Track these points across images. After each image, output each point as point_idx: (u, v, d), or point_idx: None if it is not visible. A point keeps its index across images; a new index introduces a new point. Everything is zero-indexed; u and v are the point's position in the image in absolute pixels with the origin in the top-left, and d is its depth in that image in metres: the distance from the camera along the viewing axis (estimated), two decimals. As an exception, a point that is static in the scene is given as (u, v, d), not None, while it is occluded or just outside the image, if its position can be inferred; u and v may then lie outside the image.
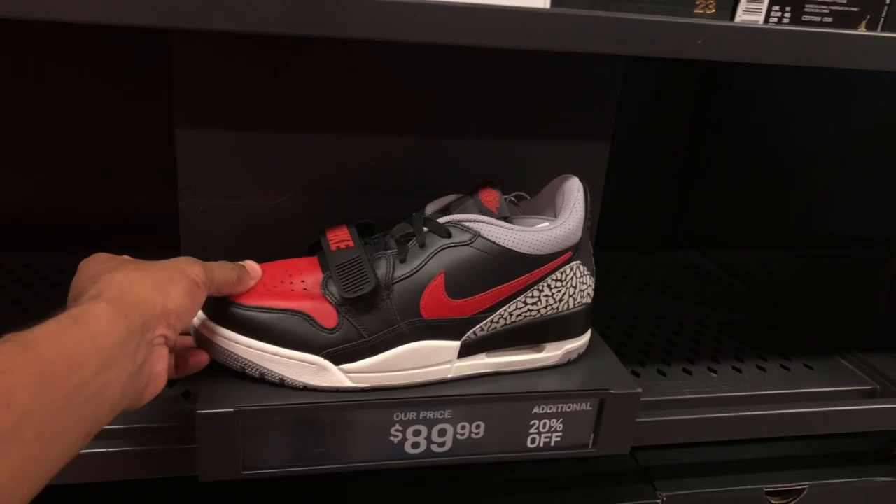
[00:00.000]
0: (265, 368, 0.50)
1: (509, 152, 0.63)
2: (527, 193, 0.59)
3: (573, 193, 0.54)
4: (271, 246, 0.57)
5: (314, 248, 0.55)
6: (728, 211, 0.97)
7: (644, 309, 0.78)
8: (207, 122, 0.56)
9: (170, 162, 0.58)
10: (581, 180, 0.55)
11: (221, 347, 0.50)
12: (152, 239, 0.66)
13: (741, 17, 0.50)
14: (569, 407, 0.54)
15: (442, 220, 0.53)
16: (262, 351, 0.50)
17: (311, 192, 0.60)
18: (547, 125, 0.63)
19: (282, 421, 0.50)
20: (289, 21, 0.43)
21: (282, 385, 0.51)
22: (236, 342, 0.50)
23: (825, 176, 0.82)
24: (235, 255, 0.53)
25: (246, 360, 0.50)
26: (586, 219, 0.54)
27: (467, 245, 0.51)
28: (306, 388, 0.51)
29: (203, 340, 0.51)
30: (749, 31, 0.50)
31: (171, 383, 0.59)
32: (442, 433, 0.53)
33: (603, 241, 0.67)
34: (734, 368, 0.68)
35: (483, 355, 0.54)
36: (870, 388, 0.68)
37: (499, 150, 0.63)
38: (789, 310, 0.81)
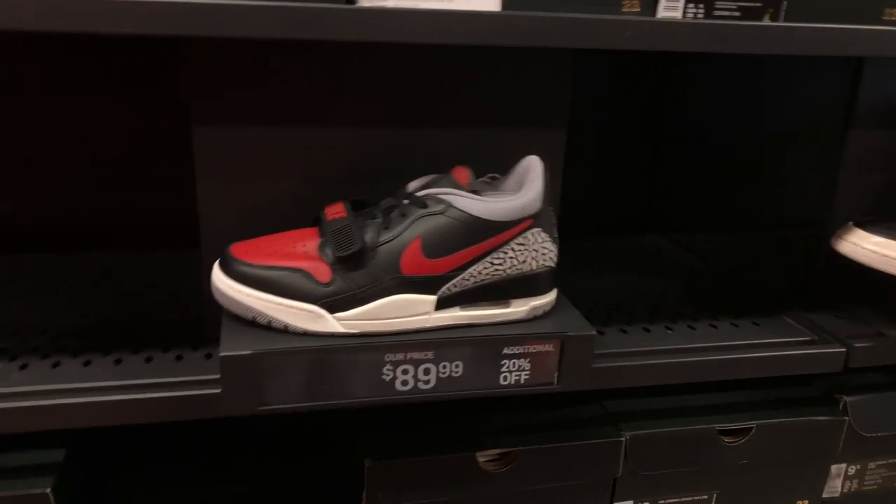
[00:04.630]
0: (272, 317, 0.60)
1: (478, 140, 0.73)
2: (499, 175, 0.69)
3: (532, 169, 0.64)
4: (278, 226, 0.67)
5: (315, 220, 0.65)
6: (690, 198, 1.06)
7: (610, 284, 0.87)
8: (221, 120, 0.67)
9: (182, 164, 0.68)
10: (538, 160, 0.65)
11: (236, 299, 0.60)
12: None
13: (661, 13, 0.61)
14: (534, 348, 0.63)
15: (419, 193, 0.63)
16: (270, 302, 0.60)
17: (311, 179, 0.70)
18: (510, 114, 0.73)
19: (292, 361, 0.59)
20: (287, 27, 0.54)
21: (286, 331, 0.61)
22: (248, 294, 0.60)
23: (769, 163, 0.91)
24: (248, 235, 0.64)
25: (256, 309, 0.60)
26: (546, 191, 0.64)
27: (440, 214, 0.61)
28: (306, 334, 0.61)
29: (221, 294, 0.61)
30: (669, 24, 0.60)
31: (195, 347, 0.69)
32: (426, 372, 0.62)
33: (573, 228, 0.77)
34: (689, 327, 0.77)
35: (457, 308, 0.64)
36: (809, 338, 0.76)
37: (469, 138, 0.73)
38: (741, 281, 0.90)
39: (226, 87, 0.66)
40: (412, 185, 0.65)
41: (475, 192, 0.63)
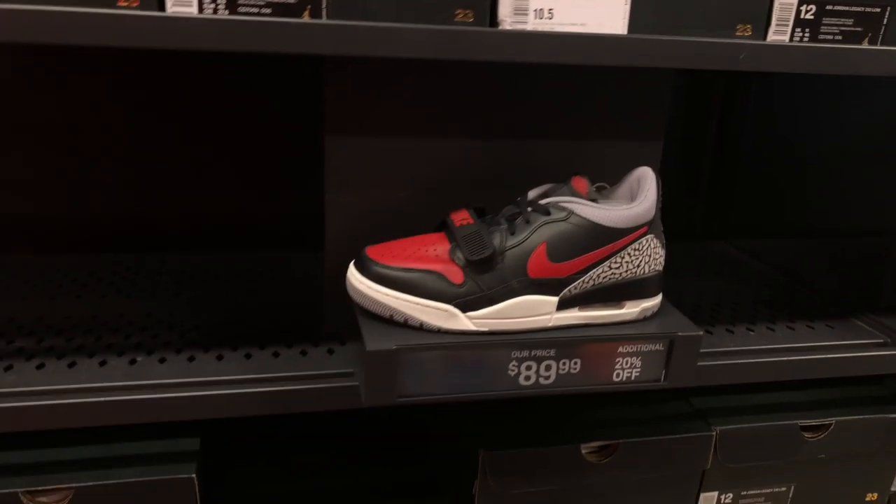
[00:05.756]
0: (409, 315, 0.65)
1: (583, 151, 0.78)
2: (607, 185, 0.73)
3: (647, 179, 0.69)
4: (397, 230, 0.71)
5: (440, 226, 0.69)
6: (752, 205, 1.11)
7: (686, 288, 0.92)
8: (352, 131, 0.71)
9: (305, 168, 0.72)
10: (651, 171, 0.69)
11: (374, 298, 0.65)
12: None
13: (771, 37, 0.66)
14: (645, 347, 0.68)
15: (542, 201, 0.67)
16: (407, 301, 0.64)
17: (429, 188, 0.74)
18: (615, 127, 0.77)
19: (429, 356, 0.63)
20: (436, 48, 0.58)
21: (421, 329, 0.65)
22: (387, 294, 0.64)
23: (837, 173, 0.96)
24: (371, 240, 0.68)
25: (394, 308, 0.64)
26: (658, 200, 0.69)
27: (563, 221, 0.66)
28: (440, 331, 0.65)
29: (358, 293, 0.65)
30: (778, 48, 0.65)
31: (316, 343, 0.74)
32: (548, 368, 0.66)
33: None
34: (768, 328, 0.82)
35: (576, 309, 0.68)
36: (881, 341, 0.81)
37: (574, 149, 0.78)
38: (810, 286, 0.95)
39: (360, 101, 0.70)
40: (532, 194, 0.70)
41: (593, 200, 0.68)
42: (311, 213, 0.77)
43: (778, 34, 0.66)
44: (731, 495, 0.82)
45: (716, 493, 0.82)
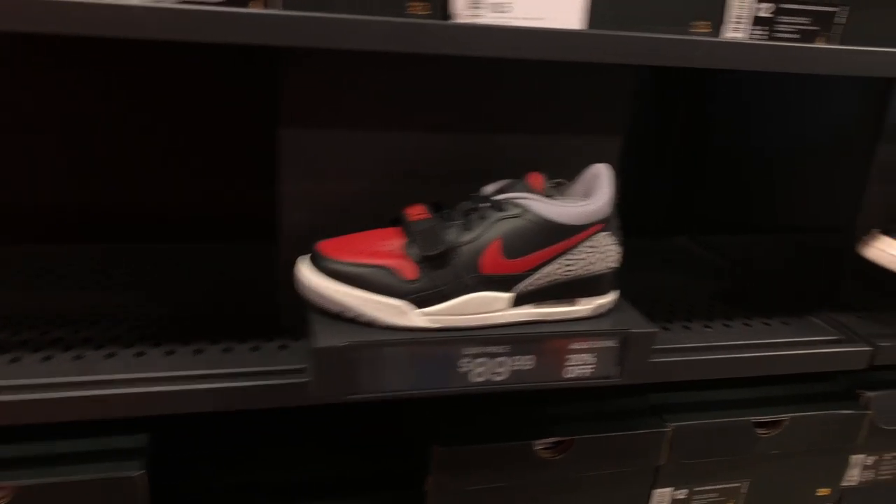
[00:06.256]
0: (359, 311, 0.64)
1: (543, 146, 0.77)
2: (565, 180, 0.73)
3: (603, 177, 0.68)
4: (353, 224, 0.70)
5: (394, 221, 0.68)
6: (715, 202, 1.11)
7: (646, 284, 0.92)
8: (307, 123, 0.69)
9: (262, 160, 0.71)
10: (608, 166, 0.69)
11: (324, 294, 0.64)
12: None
13: (728, 35, 0.65)
14: (599, 344, 0.68)
15: (497, 197, 0.66)
16: (358, 297, 0.63)
17: (385, 181, 0.73)
18: (575, 122, 0.77)
19: (381, 353, 0.63)
20: (389, 41, 0.57)
21: (372, 325, 0.64)
22: (336, 290, 0.63)
23: (798, 170, 0.97)
24: (326, 234, 0.67)
25: (345, 304, 0.64)
26: (613, 197, 0.68)
27: (518, 217, 0.65)
28: (391, 328, 0.64)
29: (308, 289, 0.64)
30: (734, 45, 0.65)
31: (269, 338, 0.72)
32: (501, 364, 0.66)
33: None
34: (724, 325, 0.82)
35: (530, 306, 0.68)
36: (836, 338, 0.82)
37: (534, 144, 0.77)
38: (769, 282, 0.96)
39: (315, 94, 0.69)
40: (488, 189, 0.69)
41: (549, 196, 0.67)
42: (268, 205, 0.75)
43: (735, 31, 0.66)
44: (685, 491, 0.83)
45: (670, 490, 0.82)
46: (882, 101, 0.82)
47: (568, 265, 0.67)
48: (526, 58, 0.60)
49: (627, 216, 1.15)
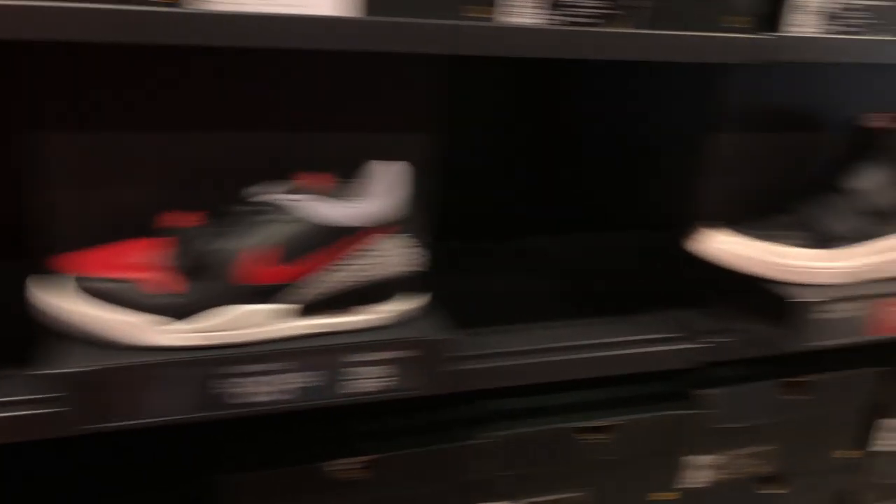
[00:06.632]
0: (104, 330, 0.57)
1: (343, 145, 0.72)
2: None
3: (386, 176, 0.64)
4: (119, 234, 0.64)
5: (157, 230, 0.62)
6: (568, 201, 1.08)
7: (483, 286, 0.86)
8: (67, 126, 0.63)
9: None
10: (402, 165, 0.64)
11: (65, 315, 0.57)
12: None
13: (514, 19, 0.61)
14: (383, 355, 0.62)
15: (260, 198, 0.61)
16: (102, 316, 0.57)
17: (153, 187, 0.67)
18: (375, 119, 0.72)
19: (127, 377, 0.57)
20: (116, 31, 0.51)
21: (120, 346, 0.58)
22: (77, 310, 0.57)
23: (641, 166, 0.94)
24: (83, 245, 0.61)
25: (88, 324, 0.57)
26: (404, 197, 0.64)
27: (288, 220, 0.60)
28: (137, 348, 0.58)
29: (49, 309, 0.58)
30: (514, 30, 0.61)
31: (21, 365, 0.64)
32: (260, 384, 0.60)
33: (450, 232, 0.76)
34: (549, 327, 0.76)
35: (317, 317, 0.62)
36: (670, 336, 0.77)
37: (334, 143, 0.72)
38: (609, 281, 0.92)
39: (73, 93, 0.63)
40: (256, 191, 0.63)
41: (326, 197, 0.62)
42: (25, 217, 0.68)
43: (521, 17, 0.62)
44: (508, 505, 0.78)
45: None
46: (710, 90, 0.80)
47: (354, 270, 0.62)
48: (261, 46, 0.54)
49: (479, 216, 1.12)
